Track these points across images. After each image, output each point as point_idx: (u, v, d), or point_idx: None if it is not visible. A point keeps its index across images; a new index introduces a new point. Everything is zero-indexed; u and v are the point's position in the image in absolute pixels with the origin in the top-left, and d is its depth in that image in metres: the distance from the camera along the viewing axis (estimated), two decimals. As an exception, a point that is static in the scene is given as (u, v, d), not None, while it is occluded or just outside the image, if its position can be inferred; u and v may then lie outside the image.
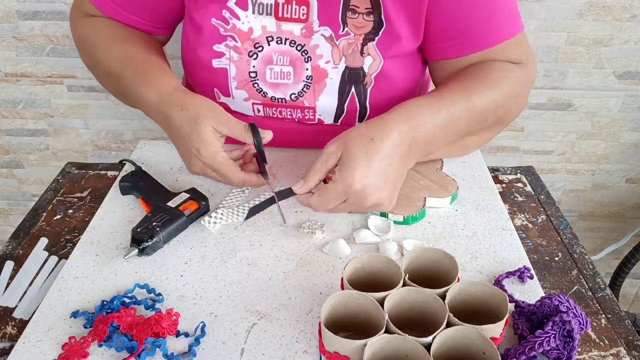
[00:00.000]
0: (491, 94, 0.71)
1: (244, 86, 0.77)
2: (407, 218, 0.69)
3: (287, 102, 0.78)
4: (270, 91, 0.77)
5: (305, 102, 0.78)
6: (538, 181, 0.82)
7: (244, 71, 0.75)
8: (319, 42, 0.74)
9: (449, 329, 0.48)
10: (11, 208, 1.62)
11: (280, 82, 0.76)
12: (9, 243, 0.69)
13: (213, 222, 0.68)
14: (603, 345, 0.57)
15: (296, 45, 0.74)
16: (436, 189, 0.73)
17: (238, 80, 0.76)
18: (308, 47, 0.74)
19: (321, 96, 0.77)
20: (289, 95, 0.77)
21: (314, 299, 0.59)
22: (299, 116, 0.80)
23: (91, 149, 1.47)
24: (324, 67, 0.75)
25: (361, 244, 0.67)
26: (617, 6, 1.19)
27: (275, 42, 0.74)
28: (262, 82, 0.76)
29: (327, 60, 0.75)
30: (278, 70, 0.75)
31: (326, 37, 0.73)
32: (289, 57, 0.75)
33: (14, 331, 0.58)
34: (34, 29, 1.26)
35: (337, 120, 0.80)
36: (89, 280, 0.61)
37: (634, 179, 1.48)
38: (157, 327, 0.54)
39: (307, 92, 0.77)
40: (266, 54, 0.74)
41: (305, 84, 0.76)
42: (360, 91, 0.77)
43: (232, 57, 0.74)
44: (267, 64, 0.75)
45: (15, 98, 1.38)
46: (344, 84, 0.76)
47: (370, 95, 0.77)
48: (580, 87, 1.32)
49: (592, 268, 0.67)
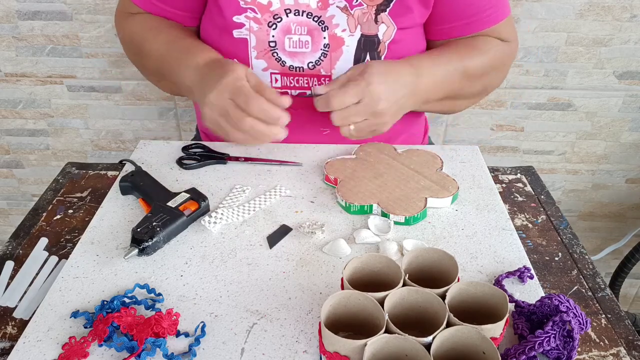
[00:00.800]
0: (481, 61, 0.82)
1: (263, 56, 0.81)
2: (409, 219, 0.69)
3: (304, 70, 0.82)
4: (288, 60, 0.81)
5: (322, 70, 0.82)
6: (538, 181, 0.82)
7: (263, 41, 0.80)
8: (334, 12, 0.79)
9: (449, 329, 0.48)
10: (11, 208, 1.62)
11: (299, 50, 0.81)
12: (9, 243, 0.69)
13: (213, 222, 0.68)
14: (603, 345, 0.57)
15: (313, 16, 0.79)
16: (437, 190, 0.73)
17: (258, 50, 0.80)
18: (324, 18, 0.79)
19: (337, 64, 0.81)
20: (307, 63, 0.82)
21: (314, 299, 0.59)
22: (315, 84, 0.83)
23: (91, 149, 1.47)
24: (340, 35, 0.80)
25: (361, 244, 0.67)
26: (617, 6, 1.20)
27: (293, 13, 0.79)
28: (281, 51, 0.81)
29: (344, 29, 0.80)
30: (296, 40, 0.80)
31: (341, 8, 0.79)
32: (306, 27, 0.80)
33: (14, 331, 0.58)
34: (34, 29, 1.26)
35: None
36: (89, 280, 0.61)
37: (634, 179, 1.48)
38: (157, 327, 0.54)
39: (324, 61, 0.81)
40: (285, 24, 0.79)
41: (322, 52, 0.81)
42: (374, 58, 0.82)
43: (252, 27, 0.79)
44: (286, 34, 0.80)
45: (15, 98, 1.38)
46: (359, 52, 0.81)
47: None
48: (580, 87, 1.32)
49: (592, 268, 0.67)
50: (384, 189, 0.73)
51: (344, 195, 0.72)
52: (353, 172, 0.76)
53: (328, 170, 0.77)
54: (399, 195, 0.72)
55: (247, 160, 0.81)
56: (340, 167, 0.77)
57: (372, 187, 0.73)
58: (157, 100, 1.38)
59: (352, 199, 0.71)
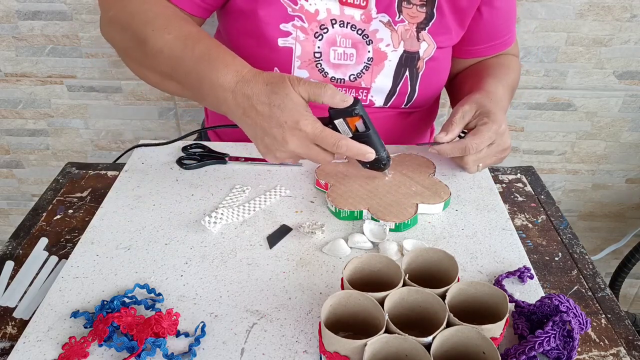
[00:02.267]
0: (513, 77, 0.89)
1: (307, 66, 0.81)
2: (399, 225, 0.68)
3: (345, 82, 0.83)
4: (331, 71, 0.82)
5: (363, 83, 0.83)
6: (538, 181, 0.82)
7: (309, 51, 0.80)
8: (377, 27, 0.80)
9: (449, 329, 0.48)
10: (11, 208, 1.62)
11: (343, 63, 0.81)
12: (9, 243, 0.69)
13: (213, 222, 0.68)
14: (603, 345, 0.57)
15: (357, 29, 0.80)
16: (428, 196, 0.72)
17: (302, 60, 0.80)
18: (368, 32, 0.80)
19: (378, 77, 0.83)
20: (349, 76, 0.83)
21: (314, 299, 0.59)
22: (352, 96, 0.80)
23: (91, 149, 1.47)
24: (384, 50, 0.81)
25: (355, 248, 0.66)
26: (617, 6, 1.20)
27: (338, 25, 0.79)
28: (325, 62, 0.81)
29: (388, 44, 0.81)
30: (341, 52, 0.80)
31: (384, 23, 0.80)
32: (351, 40, 0.80)
33: (14, 331, 0.58)
34: (34, 29, 1.26)
35: (387, 103, 0.86)
36: (89, 280, 0.61)
37: (634, 179, 1.48)
38: (157, 327, 0.54)
39: (365, 74, 0.83)
40: (331, 35, 0.80)
41: (365, 65, 0.82)
42: (413, 74, 0.84)
43: (299, 36, 0.78)
44: (331, 46, 0.80)
45: (15, 98, 1.38)
46: (400, 67, 0.83)
47: (420, 79, 0.85)
48: (580, 87, 1.32)
49: (592, 268, 0.67)
50: (374, 194, 0.72)
51: (334, 201, 0.71)
52: (344, 176, 0.76)
53: (319, 175, 0.76)
54: (390, 201, 0.71)
55: (247, 160, 0.81)
56: (331, 172, 0.76)
57: (363, 193, 0.72)
58: (157, 100, 1.37)
59: (342, 204, 0.70)
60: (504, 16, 0.88)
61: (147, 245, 0.66)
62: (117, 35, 0.76)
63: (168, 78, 0.72)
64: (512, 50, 0.95)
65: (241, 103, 0.64)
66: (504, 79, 0.86)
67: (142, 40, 0.71)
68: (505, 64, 0.91)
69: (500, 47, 0.92)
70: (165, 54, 0.69)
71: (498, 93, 0.80)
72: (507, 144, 0.75)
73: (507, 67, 0.90)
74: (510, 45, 0.93)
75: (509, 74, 0.88)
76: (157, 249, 0.65)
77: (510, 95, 0.86)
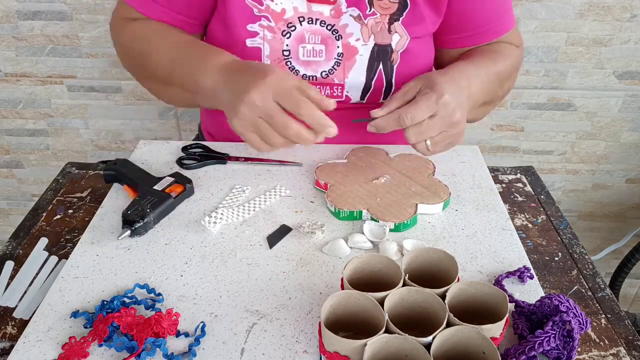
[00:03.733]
0: (506, 65, 0.84)
1: (277, 65, 0.80)
2: (398, 225, 0.68)
3: (317, 79, 0.82)
4: (302, 69, 0.81)
5: (335, 79, 0.82)
6: (538, 181, 0.82)
7: (277, 50, 0.79)
8: (347, 21, 0.79)
9: (449, 329, 0.48)
10: (11, 208, 1.62)
11: (313, 59, 0.80)
12: (9, 243, 0.69)
13: (213, 222, 0.68)
14: (603, 345, 0.57)
15: (326, 25, 0.79)
16: (428, 196, 0.72)
17: (272, 58, 0.80)
18: (338, 27, 0.79)
19: (350, 73, 0.81)
20: (320, 73, 0.81)
21: (314, 299, 0.59)
22: (327, 93, 0.83)
23: (91, 149, 1.47)
24: (354, 44, 0.80)
25: (355, 248, 0.67)
26: (617, 6, 1.20)
27: (306, 22, 0.79)
28: (295, 60, 0.80)
29: (357, 38, 0.80)
30: (310, 49, 0.80)
31: (354, 17, 0.79)
32: (320, 36, 0.79)
33: (14, 331, 0.58)
34: (34, 29, 1.26)
35: (364, 98, 0.84)
36: (89, 280, 0.61)
37: (634, 179, 1.48)
38: (157, 327, 0.54)
39: (337, 70, 0.81)
40: (299, 33, 0.79)
41: (336, 61, 0.81)
42: (387, 68, 0.82)
43: (266, 36, 0.78)
44: (300, 43, 0.79)
45: (15, 98, 1.38)
46: (372, 61, 0.81)
47: (396, 72, 0.82)
48: (580, 87, 1.32)
49: (592, 268, 0.67)
50: (374, 194, 0.72)
51: (334, 201, 0.71)
52: (344, 177, 0.75)
53: (318, 175, 0.76)
54: (390, 201, 0.71)
55: (247, 160, 0.81)
56: (330, 172, 0.76)
57: (363, 193, 0.72)
58: (157, 100, 1.37)
59: (341, 204, 0.70)
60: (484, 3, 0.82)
61: (147, 245, 0.66)
62: (127, 61, 0.86)
63: (169, 83, 0.79)
64: (508, 38, 0.87)
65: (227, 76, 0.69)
66: (482, 62, 0.81)
67: (145, 55, 0.80)
68: (495, 50, 0.85)
69: (484, 36, 0.85)
70: (163, 60, 0.78)
71: (459, 69, 0.76)
72: (454, 117, 0.68)
73: (497, 52, 0.84)
74: (499, 35, 0.85)
75: (494, 58, 0.83)
76: (157, 249, 0.65)
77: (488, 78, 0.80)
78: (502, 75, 0.83)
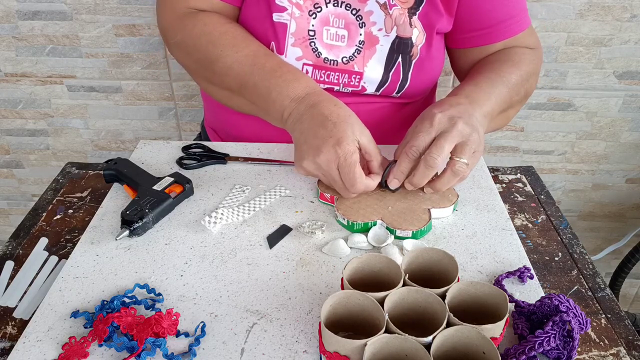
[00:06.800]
0: (518, 71, 0.81)
1: (300, 44, 0.80)
2: (416, 232, 0.67)
3: (338, 64, 0.82)
4: (324, 52, 0.81)
5: (355, 66, 0.82)
6: (538, 181, 0.82)
7: (303, 28, 0.79)
8: (373, 8, 0.79)
9: (449, 329, 0.48)
10: (11, 208, 1.62)
11: (335, 44, 0.81)
12: (9, 243, 0.70)
13: (213, 222, 0.68)
14: (603, 345, 0.57)
15: (351, 8, 0.79)
16: (438, 200, 0.71)
17: (296, 37, 0.80)
18: (362, 13, 0.79)
19: (370, 62, 0.82)
20: (341, 58, 0.81)
21: (314, 299, 0.59)
22: (344, 81, 0.83)
23: (91, 149, 1.48)
24: (376, 34, 0.80)
25: (355, 248, 0.66)
26: (617, 6, 1.20)
27: (332, 4, 0.79)
28: (319, 41, 0.81)
29: (380, 28, 0.80)
30: (334, 32, 0.80)
31: (380, 4, 0.79)
32: (344, 20, 0.80)
33: (14, 331, 0.58)
34: (34, 29, 1.26)
35: (379, 90, 0.84)
36: (89, 280, 0.61)
37: (634, 179, 1.48)
38: (157, 327, 0.54)
39: (357, 57, 0.81)
40: (324, 14, 0.79)
41: (357, 48, 0.81)
42: (405, 61, 0.82)
43: (294, 13, 0.78)
44: (324, 25, 0.80)
45: (15, 98, 1.38)
46: (392, 52, 0.81)
47: (414, 67, 0.83)
48: (580, 87, 1.32)
49: (592, 268, 0.67)
50: (384, 202, 0.70)
51: (345, 214, 0.68)
52: None
53: (322, 188, 0.73)
54: (401, 208, 0.69)
55: (247, 160, 0.81)
56: None
57: (372, 202, 0.70)
58: (157, 100, 1.38)
59: (354, 216, 0.68)
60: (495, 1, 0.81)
61: (147, 245, 0.66)
62: (184, 58, 0.84)
63: (236, 94, 0.79)
64: (519, 41, 0.85)
65: (303, 110, 0.70)
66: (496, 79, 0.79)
67: (211, 60, 0.78)
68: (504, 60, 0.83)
69: (495, 36, 0.84)
70: (235, 70, 0.76)
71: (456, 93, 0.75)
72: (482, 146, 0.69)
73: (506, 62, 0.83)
74: (510, 35, 0.84)
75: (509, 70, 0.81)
76: (157, 249, 0.65)
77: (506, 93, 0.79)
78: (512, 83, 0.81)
